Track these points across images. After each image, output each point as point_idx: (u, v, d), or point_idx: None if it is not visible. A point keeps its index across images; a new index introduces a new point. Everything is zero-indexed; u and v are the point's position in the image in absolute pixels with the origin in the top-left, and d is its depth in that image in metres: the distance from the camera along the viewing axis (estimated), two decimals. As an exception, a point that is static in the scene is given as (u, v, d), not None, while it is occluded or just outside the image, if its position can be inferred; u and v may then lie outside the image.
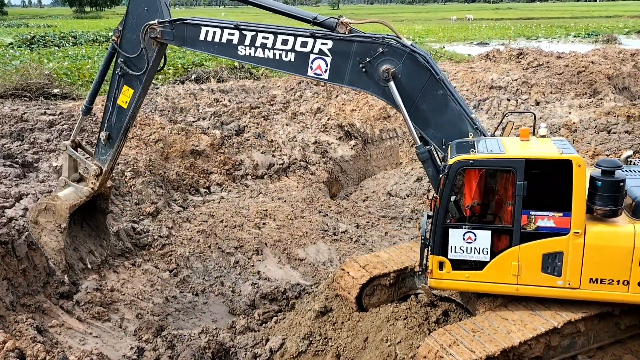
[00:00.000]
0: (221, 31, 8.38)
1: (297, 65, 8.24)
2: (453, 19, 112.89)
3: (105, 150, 9.70)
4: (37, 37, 52.06)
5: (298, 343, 9.05)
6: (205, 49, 8.57)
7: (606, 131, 18.83)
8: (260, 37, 8.25)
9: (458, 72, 28.33)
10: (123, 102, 9.14)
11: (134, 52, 8.84)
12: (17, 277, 10.10)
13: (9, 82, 21.07)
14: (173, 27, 8.52)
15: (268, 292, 11.61)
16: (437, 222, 7.48)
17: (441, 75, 8.08)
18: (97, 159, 9.86)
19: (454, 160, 7.28)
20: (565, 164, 7.10)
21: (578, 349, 7.67)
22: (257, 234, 13.79)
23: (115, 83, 9.16)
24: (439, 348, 7.15)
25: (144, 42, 8.65)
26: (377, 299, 9.11)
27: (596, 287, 7.37)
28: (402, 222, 15.40)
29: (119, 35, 8.90)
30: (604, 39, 60.60)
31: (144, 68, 8.87)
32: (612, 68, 29.39)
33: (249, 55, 8.37)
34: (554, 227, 7.26)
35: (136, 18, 8.66)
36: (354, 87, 8.50)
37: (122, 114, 9.31)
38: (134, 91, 9.06)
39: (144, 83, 9.03)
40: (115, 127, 9.44)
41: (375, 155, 21.16)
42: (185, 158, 16.62)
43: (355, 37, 8.01)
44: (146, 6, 8.61)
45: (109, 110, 9.36)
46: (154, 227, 13.36)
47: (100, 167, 9.79)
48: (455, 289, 8.21)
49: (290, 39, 8.16)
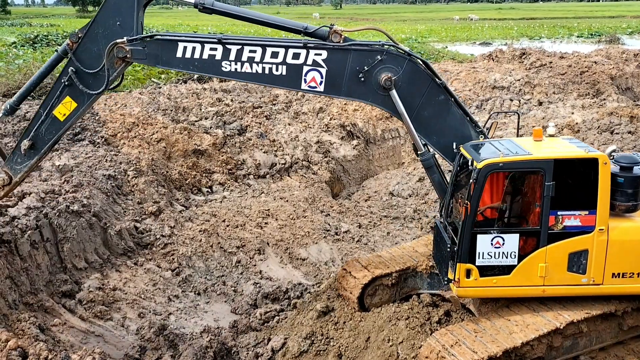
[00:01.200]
0: (201, 46, 7.56)
1: (290, 78, 7.67)
2: (456, 18, 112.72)
3: (22, 160, 8.37)
4: (40, 36, 52.14)
5: (300, 343, 9.05)
6: (183, 66, 7.73)
7: (609, 132, 18.79)
8: (246, 51, 7.56)
9: (460, 72, 28.30)
10: (60, 113, 7.99)
11: (92, 66, 7.75)
12: (20, 276, 10.12)
13: (12, 81, 21.15)
14: (145, 45, 7.59)
15: (270, 291, 11.61)
16: (466, 229, 7.32)
17: (442, 80, 7.97)
18: (10, 166, 8.51)
19: (484, 164, 7.15)
20: (592, 163, 7.15)
21: (580, 350, 7.67)
22: (259, 234, 13.79)
23: (57, 92, 7.91)
24: (440, 348, 7.16)
25: (107, 61, 7.64)
26: (379, 299, 9.11)
27: (619, 281, 7.44)
28: (404, 222, 15.39)
29: (77, 41, 7.76)
30: (607, 39, 60.44)
31: (100, 87, 7.82)
32: (615, 68, 29.31)
33: (235, 71, 7.66)
34: (580, 226, 7.31)
35: (104, 30, 7.66)
36: (351, 98, 8.14)
37: (55, 126, 8.08)
38: (78, 105, 7.94)
39: (90, 101, 8.00)
40: (43, 139, 8.15)
41: (377, 155, 21.16)
42: (187, 157, 16.64)
43: (352, 46, 7.62)
44: (119, 21, 7.61)
45: (40, 118, 8.05)
46: (156, 227, 13.38)
47: (10, 176, 8.50)
48: (483, 296, 8.03)
49: (281, 51, 7.55)
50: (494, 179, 7.47)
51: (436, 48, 52.77)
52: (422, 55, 46.53)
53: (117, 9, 7.60)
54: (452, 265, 7.60)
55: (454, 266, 7.56)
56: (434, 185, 8.38)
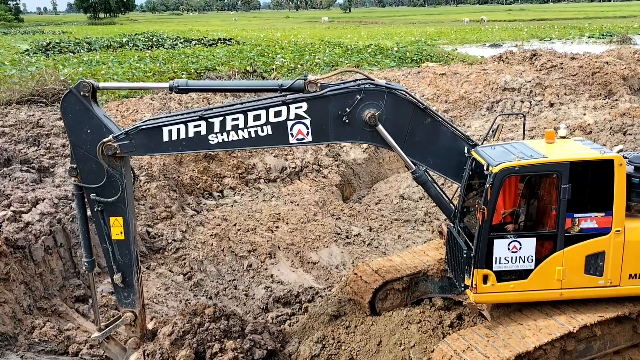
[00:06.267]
0: (185, 126, 7.59)
1: (277, 136, 7.66)
2: (465, 20, 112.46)
3: (128, 293, 8.38)
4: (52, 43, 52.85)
5: (311, 347, 9.05)
6: (173, 149, 7.76)
7: (621, 132, 18.63)
8: (229, 120, 7.58)
9: (471, 74, 28.21)
10: (118, 234, 8.07)
11: (101, 179, 7.76)
12: (34, 281, 10.24)
13: (25, 88, 21.40)
14: (131, 138, 7.58)
15: (281, 295, 11.63)
16: (482, 234, 7.26)
17: (425, 105, 7.99)
18: (124, 305, 8.46)
19: (500, 168, 7.10)
20: (608, 164, 7.11)
21: (594, 354, 7.59)
22: (270, 238, 13.83)
23: (101, 221, 7.95)
24: (452, 353, 7.12)
25: (106, 163, 7.63)
26: (390, 303, 9.09)
27: (636, 282, 7.38)
28: (415, 225, 15.35)
29: (76, 174, 7.80)
30: (619, 40, 60.02)
31: (119, 190, 7.82)
32: (627, 69, 29.05)
33: (223, 142, 7.67)
34: (597, 228, 7.26)
35: (84, 146, 7.62)
36: (340, 141, 8.16)
37: (124, 246, 8.12)
38: (123, 217, 7.98)
39: (127, 203, 7.98)
40: (125, 263, 8.20)
41: (387, 158, 21.11)
42: (198, 162, 16.73)
43: (329, 92, 7.60)
44: (88, 128, 7.58)
45: (109, 250, 8.11)
46: (168, 231, 13.46)
47: (132, 311, 8.45)
48: (500, 302, 7.91)
49: (262, 113, 7.57)
50: (508, 183, 7.43)
51: (446, 50, 52.66)
52: (432, 57, 46.46)
53: (77, 122, 7.62)
54: (469, 271, 7.52)
55: (470, 272, 7.49)
56: (432, 199, 8.39)
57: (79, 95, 7.45)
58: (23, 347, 9.27)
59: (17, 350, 9.18)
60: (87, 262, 8.29)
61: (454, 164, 8.15)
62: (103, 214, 7.90)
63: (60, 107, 7.72)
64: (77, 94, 7.46)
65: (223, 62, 34.01)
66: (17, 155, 14.39)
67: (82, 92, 7.43)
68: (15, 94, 21.39)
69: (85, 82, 7.45)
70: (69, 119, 7.64)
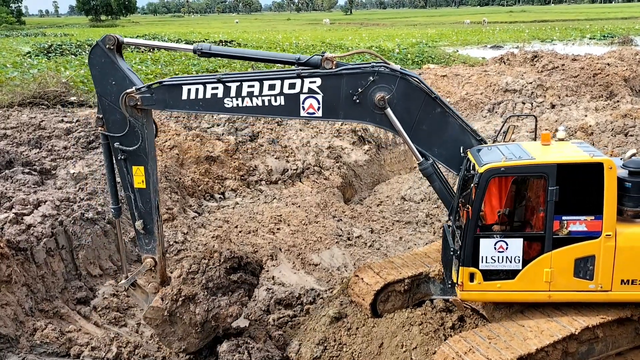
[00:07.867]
0: (204, 87, 7.96)
1: (289, 107, 7.95)
2: (466, 22, 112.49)
3: (148, 240, 8.80)
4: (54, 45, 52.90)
5: (313, 348, 9.05)
6: (190, 107, 8.16)
7: (623, 134, 18.61)
8: (245, 87, 7.90)
9: (472, 75, 28.22)
10: (140, 182, 8.48)
11: (124, 129, 8.17)
12: (36, 283, 10.25)
13: (27, 90, 21.46)
14: (152, 92, 7.99)
15: (282, 297, 11.62)
16: (468, 232, 7.33)
17: (436, 94, 8.05)
18: (145, 251, 8.89)
19: (485, 168, 7.15)
20: (597, 167, 7.06)
21: (596, 355, 7.58)
22: (271, 239, 13.83)
23: (124, 169, 8.41)
24: (454, 355, 7.11)
25: (128, 113, 8.03)
26: (391, 305, 9.08)
27: (628, 288, 7.32)
28: (417, 226, 15.35)
29: (102, 123, 8.25)
30: (620, 41, 60.00)
31: (139, 140, 8.20)
32: (629, 70, 29.04)
33: (237, 107, 8.00)
34: (586, 231, 7.22)
35: (109, 97, 8.04)
36: (349, 120, 8.35)
37: (145, 195, 8.52)
38: (144, 167, 8.37)
39: (149, 154, 8.36)
40: (146, 211, 8.61)
41: (389, 160, 21.12)
42: (200, 164, 16.75)
43: (344, 70, 7.81)
44: (113, 80, 7.99)
45: (132, 198, 8.56)
46: (169, 233, 13.47)
47: (152, 257, 8.85)
48: (487, 300, 8.00)
49: (277, 83, 7.86)
50: (501, 183, 7.43)
51: (447, 52, 52.69)
52: (433, 59, 46.47)
53: (103, 74, 7.98)
54: (456, 269, 7.60)
55: (457, 269, 7.56)
56: (436, 192, 8.43)
57: (104, 48, 7.80)
58: (25, 349, 9.28)
59: (18, 353, 9.19)
60: (114, 209, 8.92)
61: (459, 157, 8.18)
62: (126, 163, 8.33)
63: (88, 59, 8.06)
64: (103, 47, 7.81)
65: (224, 65, 34.02)
66: (19, 157, 14.42)
67: (107, 45, 7.78)
68: (17, 96, 21.45)
69: (111, 36, 7.81)
70: (96, 71, 8.03)
